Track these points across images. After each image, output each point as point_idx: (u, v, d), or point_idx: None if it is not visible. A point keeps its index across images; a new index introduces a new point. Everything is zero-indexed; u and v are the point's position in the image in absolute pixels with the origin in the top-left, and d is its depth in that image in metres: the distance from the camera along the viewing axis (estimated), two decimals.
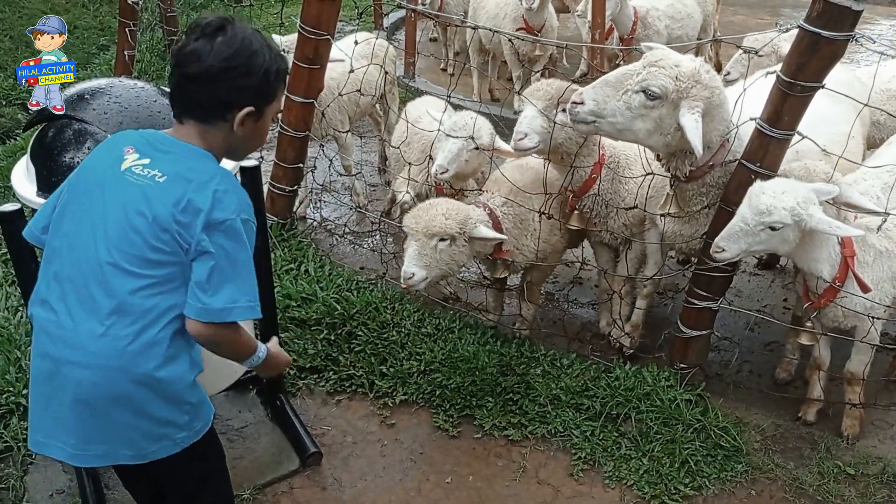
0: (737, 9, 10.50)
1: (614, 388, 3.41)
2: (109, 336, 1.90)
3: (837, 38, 2.59)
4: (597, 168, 3.38)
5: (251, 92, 2.01)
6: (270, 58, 2.02)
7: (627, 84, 2.83)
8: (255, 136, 2.11)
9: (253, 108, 2.02)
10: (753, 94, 2.91)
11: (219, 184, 1.96)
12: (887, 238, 2.93)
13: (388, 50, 4.80)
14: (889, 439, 3.33)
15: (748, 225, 2.76)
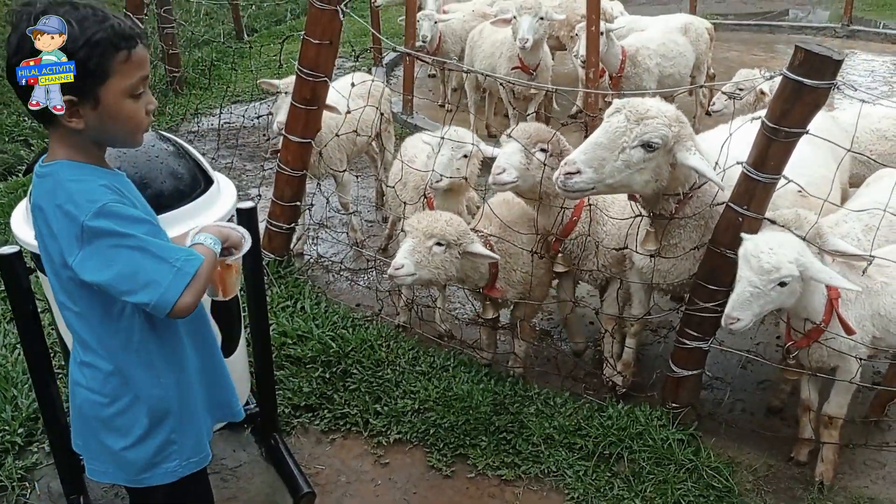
0: (731, 45, 10.67)
1: (607, 427, 3.42)
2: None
3: (819, 87, 2.66)
4: (578, 210, 3.44)
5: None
6: (73, 33, 1.71)
7: (622, 142, 2.85)
8: (110, 123, 1.82)
9: (73, 96, 1.74)
10: (740, 139, 2.97)
11: (59, 195, 1.83)
12: (867, 276, 2.97)
13: (384, 91, 4.89)
14: (881, 479, 3.33)
15: (758, 288, 2.75)
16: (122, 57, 1.77)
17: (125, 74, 1.79)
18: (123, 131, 1.87)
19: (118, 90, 1.79)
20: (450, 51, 7.45)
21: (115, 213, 1.78)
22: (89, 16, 1.75)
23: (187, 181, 2.76)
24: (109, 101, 1.79)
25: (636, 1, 13.30)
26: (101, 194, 1.79)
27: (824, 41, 10.97)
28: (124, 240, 1.78)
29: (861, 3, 12.72)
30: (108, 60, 1.75)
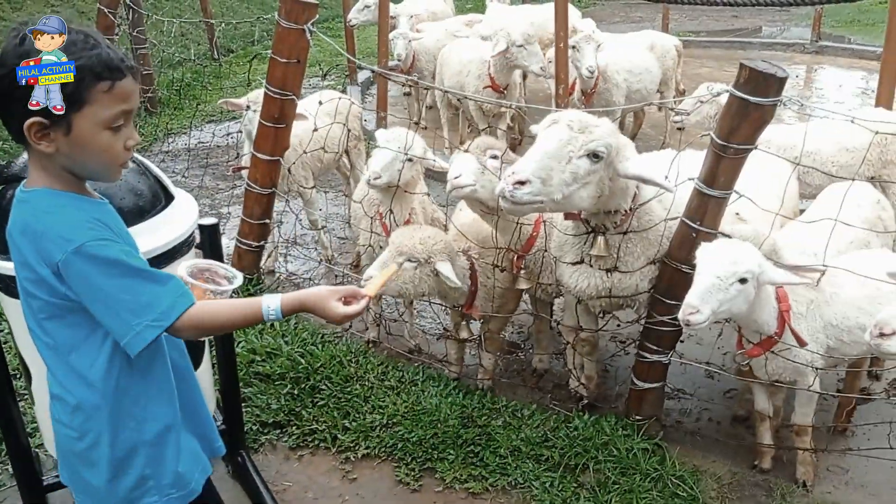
0: (704, 61, 10.84)
1: (573, 438, 3.45)
2: None
3: (765, 104, 2.72)
4: (537, 225, 3.48)
5: (22, 100, 1.67)
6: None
7: (569, 152, 2.77)
8: (81, 152, 1.75)
9: (41, 118, 1.69)
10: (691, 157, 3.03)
11: (40, 224, 1.77)
12: (817, 288, 3.03)
13: (351, 108, 4.94)
14: (843, 485, 3.38)
15: (721, 279, 2.78)
16: (103, 87, 1.71)
17: (104, 105, 1.72)
18: (96, 163, 1.79)
19: (94, 120, 1.73)
20: (424, 69, 7.52)
21: (92, 256, 1.71)
22: (78, 41, 1.70)
23: (147, 198, 2.77)
24: (83, 130, 1.73)
25: (609, 19, 13.51)
26: (77, 231, 1.72)
27: (794, 57, 11.24)
28: (102, 278, 1.73)
29: (830, 20, 12.98)
30: (87, 89, 1.70)
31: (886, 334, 2.46)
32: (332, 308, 1.85)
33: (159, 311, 1.74)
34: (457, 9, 9.86)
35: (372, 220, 3.98)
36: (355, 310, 1.87)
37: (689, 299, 2.78)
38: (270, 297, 1.85)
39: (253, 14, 11.19)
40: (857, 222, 3.51)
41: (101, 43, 1.75)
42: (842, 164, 4.43)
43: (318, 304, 1.86)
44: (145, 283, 1.76)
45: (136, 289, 1.74)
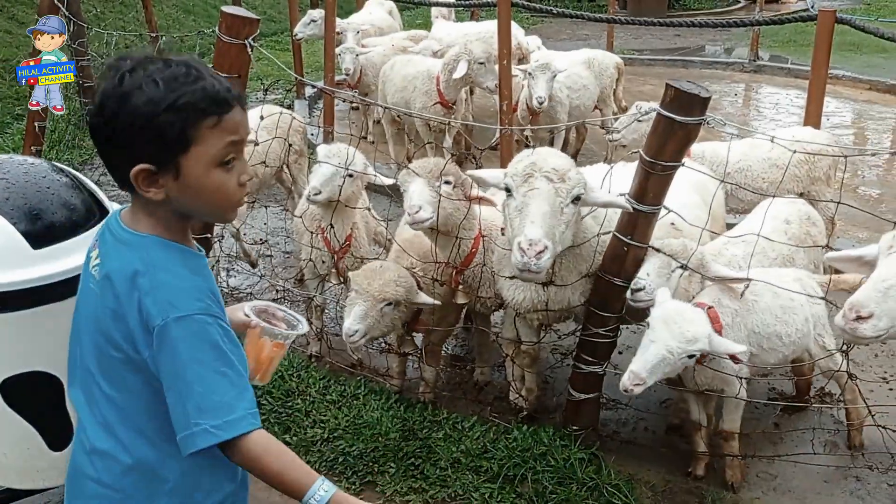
0: (646, 79, 11.09)
1: (512, 449, 3.50)
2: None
3: (689, 123, 2.83)
4: (477, 241, 3.54)
5: (133, 145, 1.59)
6: (157, 94, 1.56)
7: (559, 203, 2.89)
8: (194, 196, 1.64)
9: (148, 164, 1.59)
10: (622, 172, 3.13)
11: (149, 279, 1.63)
12: (740, 299, 3.15)
13: (293, 123, 4.94)
14: (772, 490, 3.49)
15: (673, 354, 2.81)
16: (210, 123, 1.60)
17: (212, 142, 1.60)
18: (210, 205, 1.67)
19: (204, 160, 1.61)
20: (370, 83, 7.57)
21: (191, 332, 1.60)
22: (180, 75, 1.59)
23: (81, 212, 2.74)
24: (193, 172, 1.61)
25: (556, 36, 13.76)
26: (186, 299, 1.61)
27: (734, 75, 11.59)
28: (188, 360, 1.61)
29: (768, 41, 13.42)
30: (193, 127, 1.58)
31: (864, 317, 2.37)
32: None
33: (224, 420, 1.59)
34: (405, 24, 9.94)
35: (313, 235, 3.99)
36: None
37: (637, 370, 2.81)
38: (327, 484, 1.66)
39: (200, 26, 11.09)
40: (785, 239, 3.65)
41: (205, 73, 1.63)
42: (772, 180, 4.60)
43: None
44: (224, 381, 1.61)
45: (212, 384, 1.60)
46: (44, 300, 2.58)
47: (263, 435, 1.64)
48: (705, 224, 3.15)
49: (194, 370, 1.59)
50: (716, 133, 7.02)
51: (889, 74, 10.68)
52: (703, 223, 3.18)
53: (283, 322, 2.02)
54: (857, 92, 10.39)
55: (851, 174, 7.39)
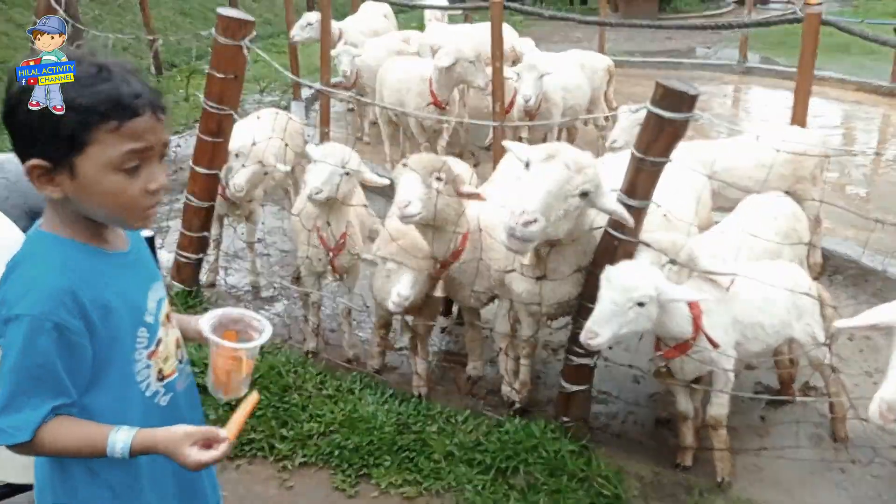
0: (638, 80, 11.15)
1: (504, 442, 3.57)
2: None
3: (678, 119, 2.92)
4: (465, 238, 3.62)
5: (25, 140, 1.58)
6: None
7: (567, 190, 2.94)
8: (89, 197, 1.60)
9: (42, 160, 1.56)
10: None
11: (15, 272, 1.63)
12: (719, 288, 3.24)
13: (294, 125, 5.02)
14: (758, 482, 3.57)
15: (617, 305, 2.92)
16: (108, 127, 1.56)
17: (109, 147, 1.56)
18: (108, 209, 1.63)
19: (99, 162, 1.57)
20: (366, 85, 7.65)
21: (23, 331, 1.56)
22: (87, 76, 1.56)
23: None
24: (88, 174, 1.57)
25: (549, 38, 13.84)
26: (32, 298, 1.57)
27: (723, 77, 11.70)
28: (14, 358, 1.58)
29: (758, 43, 13.54)
30: (88, 129, 1.54)
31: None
32: (187, 454, 1.63)
33: (21, 422, 1.58)
34: (400, 26, 10.01)
35: (309, 233, 4.07)
36: (212, 456, 1.65)
37: (589, 324, 2.93)
38: (122, 431, 1.64)
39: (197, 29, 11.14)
40: (772, 233, 3.75)
41: (117, 78, 1.59)
42: (758, 179, 4.67)
43: (170, 448, 1.64)
44: (30, 385, 1.59)
45: (19, 386, 1.58)
46: None
47: (53, 425, 1.61)
48: (692, 219, 3.23)
49: (11, 371, 1.57)
50: (704, 133, 7.14)
51: (876, 76, 10.80)
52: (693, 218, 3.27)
53: (257, 332, 1.91)
54: (845, 93, 10.50)
55: (839, 174, 7.50)
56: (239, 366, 1.84)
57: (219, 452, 1.66)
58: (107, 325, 1.66)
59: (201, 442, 1.66)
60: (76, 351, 1.62)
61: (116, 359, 1.71)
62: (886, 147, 8.64)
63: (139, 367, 1.76)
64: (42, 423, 1.59)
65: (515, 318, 3.88)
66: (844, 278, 4.70)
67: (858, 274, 4.55)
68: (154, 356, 1.79)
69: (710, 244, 3.53)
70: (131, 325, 1.73)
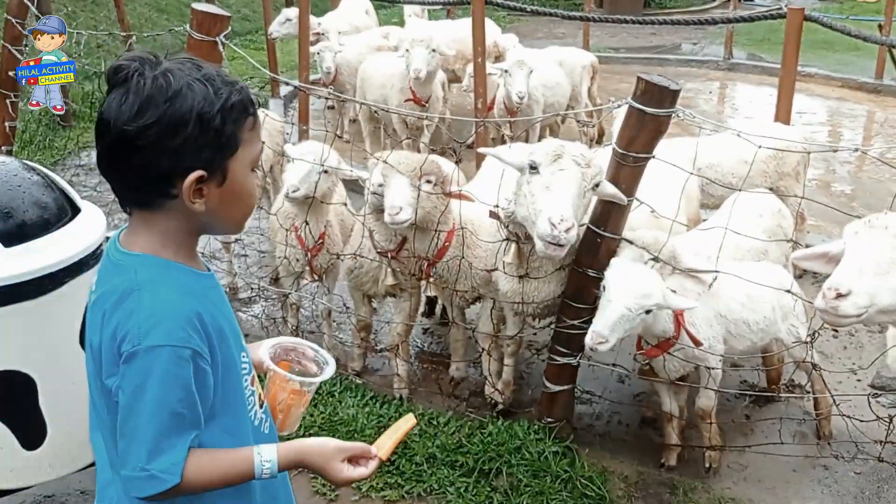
0: (623, 77, 11.14)
1: (487, 443, 3.53)
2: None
3: (660, 114, 2.88)
4: (450, 235, 3.57)
5: (189, 149, 1.47)
6: (208, 94, 1.46)
7: (584, 187, 2.96)
8: (232, 203, 1.55)
9: (203, 170, 1.48)
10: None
11: (131, 301, 1.49)
12: (699, 283, 3.21)
13: (274, 124, 4.94)
14: (742, 480, 3.55)
15: (630, 310, 2.90)
16: (250, 124, 1.54)
17: (252, 144, 1.54)
18: (242, 212, 1.59)
19: (246, 162, 1.54)
20: (346, 82, 7.57)
21: (160, 366, 1.45)
22: (215, 76, 1.50)
23: (53, 210, 2.75)
24: (237, 176, 1.53)
25: (532, 35, 13.81)
26: (164, 327, 1.46)
27: (708, 73, 11.71)
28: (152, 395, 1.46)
29: (743, 39, 13.57)
30: (241, 128, 1.51)
31: (843, 295, 2.35)
32: (337, 471, 1.58)
33: (172, 463, 1.48)
34: (381, 22, 9.94)
35: (287, 233, 4.01)
36: (361, 474, 1.61)
37: (599, 328, 2.90)
38: (266, 449, 1.56)
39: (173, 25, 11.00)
40: (759, 231, 3.72)
41: (228, 75, 1.56)
42: (741, 175, 4.65)
43: (320, 463, 1.59)
44: (176, 422, 1.48)
45: (166, 426, 1.47)
46: (15, 299, 2.59)
47: (192, 461, 1.51)
48: (676, 215, 3.19)
49: (151, 409, 1.46)
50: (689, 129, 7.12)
51: (861, 72, 10.84)
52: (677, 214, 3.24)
53: (313, 363, 1.80)
54: (830, 89, 10.53)
55: (824, 171, 7.51)
56: (300, 400, 1.75)
57: (368, 470, 1.61)
58: (223, 350, 1.56)
59: (351, 457, 1.61)
60: (205, 380, 1.52)
61: (231, 386, 1.60)
62: (871, 143, 8.66)
63: (247, 395, 1.66)
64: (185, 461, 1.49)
65: (500, 318, 3.83)
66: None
67: None
68: (254, 382, 1.70)
69: (695, 242, 3.49)
70: (237, 350, 1.63)
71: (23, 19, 5.34)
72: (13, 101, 5.47)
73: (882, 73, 10.17)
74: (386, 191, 3.37)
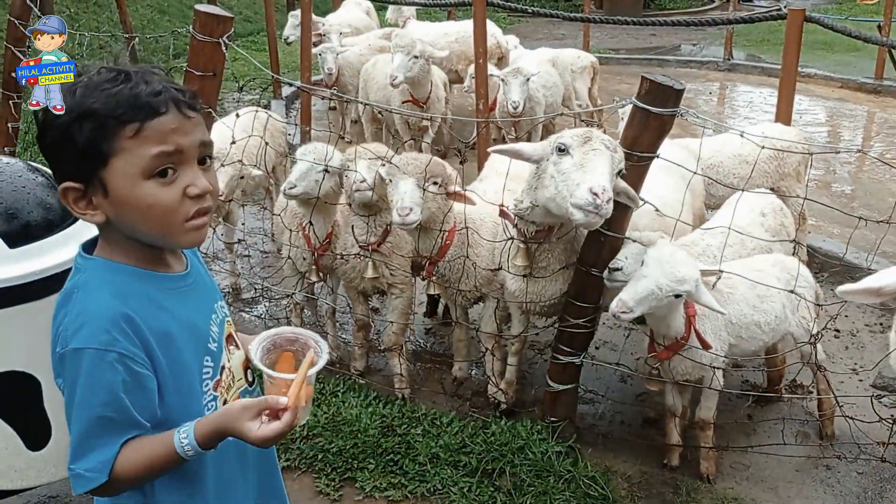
0: (623, 77, 11.19)
1: (490, 443, 3.53)
2: None
3: (664, 114, 2.89)
4: (451, 234, 3.58)
5: (58, 160, 1.48)
6: (75, 102, 1.44)
7: (612, 169, 2.89)
8: (132, 215, 1.48)
9: (73, 182, 1.46)
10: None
11: (70, 303, 1.51)
12: (715, 290, 3.21)
13: (274, 124, 4.95)
14: (745, 480, 3.55)
15: (661, 290, 2.90)
16: (129, 132, 1.43)
17: (134, 153, 1.43)
18: (150, 224, 1.49)
19: (128, 173, 1.44)
20: (348, 83, 7.58)
21: (83, 366, 1.45)
22: (103, 82, 1.45)
23: (57, 211, 2.76)
24: (118, 187, 1.45)
25: (533, 36, 13.84)
26: (92, 330, 1.45)
27: (708, 74, 11.72)
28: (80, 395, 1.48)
29: (743, 40, 13.59)
30: (107, 137, 1.42)
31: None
32: (248, 429, 1.49)
33: (96, 462, 1.49)
34: (382, 24, 9.94)
35: (291, 233, 4.01)
36: (276, 429, 1.49)
37: (626, 298, 2.91)
38: (185, 427, 1.52)
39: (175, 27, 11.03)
40: (762, 230, 3.74)
41: (137, 79, 1.47)
42: (742, 175, 4.67)
43: (230, 427, 1.50)
44: (103, 425, 1.48)
45: (92, 428, 1.48)
46: (20, 299, 2.59)
47: (122, 456, 1.50)
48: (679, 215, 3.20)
49: (77, 410, 1.47)
50: (690, 129, 7.13)
51: (860, 73, 10.86)
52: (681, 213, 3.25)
53: (314, 353, 1.71)
54: (829, 90, 10.55)
55: (824, 171, 7.52)
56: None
57: (283, 423, 1.50)
58: (169, 355, 1.53)
59: (262, 415, 1.51)
60: (142, 382, 1.49)
61: (183, 392, 1.57)
62: (871, 144, 8.68)
63: (206, 401, 1.62)
64: (115, 459, 1.49)
65: (502, 318, 3.84)
66: (830, 275, 4.69)
67: (843, 271, 4.54)
68: (219, 386, 1.65)
69: (699, 242, 3.50)
70: (195, 355, 1.60)
71: (26, 21, 5.36)
72: (16, 102, 5.49)
73: (882, 73, 10.19)
74: (393, 192, 3.37)
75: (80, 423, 1.47)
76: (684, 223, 3.38)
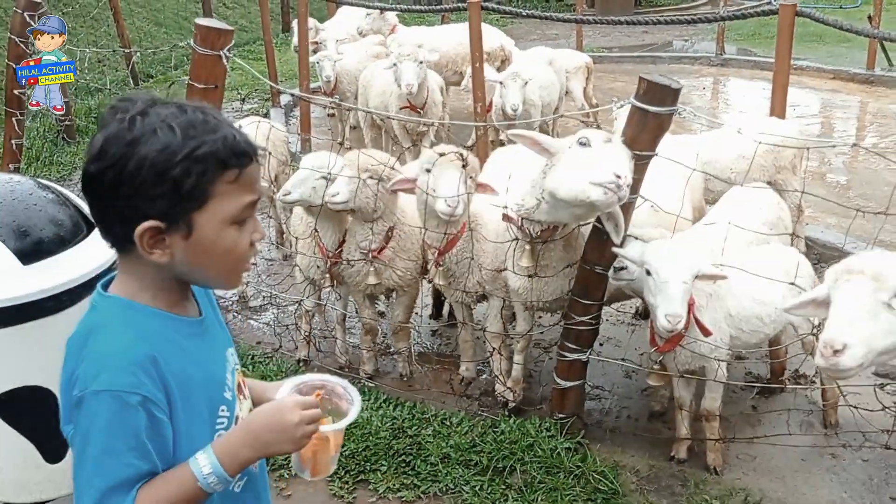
0: (616, 76, 11.25)
1: (500, 441, 3.58)
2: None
3: (662, 113, 2.95)
4: (462, 227, 3.64)
5: (142, 198, 1.40)
6: (172, 141, 1.39)
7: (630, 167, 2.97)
8: (202, 258, 1.46)
9: (158, 221, 1.41)
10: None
11: (90, 343, 1.45)
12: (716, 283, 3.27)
13: (277, 134, 5.02)
14: (752, 471, 3.60)
15: (687, 283, 3.01)
16: (229, 177, 1.43)
17: (230, 198, 1.43)
18: (219, 268, 1.49)
19: (219, 217, 1.43)
20: (346, 90, 7.64)
21: (109, 407, 1.38)
22: (198, 122, 1.42)
23: (68, 227, 2.79)
24: (206, 231, 1.43)
25: (526, 37, 13.89)
26: (115, 371, 1.39)
27: (701, 69, 11.78)
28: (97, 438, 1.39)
29: (734, 34, 13.65)
30: (211, 181, 1.41)
31: (839, 350, 2.32)
32: (290, 419, 1.50)
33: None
34: None
35: (298, 241, 4.06)
36: (312, 414, 1.52)
37: (673, 310, 2.98)
38: (201, 456, 1.45)
39: (172, 39, 11.10)
40: (759, 224, 3.79)
41: (223, 122, 1.47)
42: (739, 170, 4.70)
43: (276, 425, 1.50)
44: (130, 473, 1.39)
45: (116, 475, 1.39)
46: (35, 315, 2.63)
47: (143, 496, 1.42)
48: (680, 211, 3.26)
49: (98, 458, 1.38)
50: (686, 126, 7.18)
51: (852, 64, 10.92)
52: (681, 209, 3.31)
53: (343, 400, 1.68)
54: (822, 82, 10.61)
55: (819, 162, 7.57)
56: (326, 445, 1.62)
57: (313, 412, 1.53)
58: (187, 402, 1.48)
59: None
60: (161, 430, 1.43)
61: (196, 441, 1.49)
62: (865, 134, 8.74)
63: None
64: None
65: (507, 317, 3.89)
66: (828, 265, 4.74)
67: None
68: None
69: (697, 237, 3.55)
70: (211, 403, 1.54)
71: (25, 38, 5.42)
72: (19, 119, 5.54)
73: (873, 63, 10.25)
74: (438, 183, 3.41)
75: (100, 474, 1.38)
76: (684, 219, 3.43)
